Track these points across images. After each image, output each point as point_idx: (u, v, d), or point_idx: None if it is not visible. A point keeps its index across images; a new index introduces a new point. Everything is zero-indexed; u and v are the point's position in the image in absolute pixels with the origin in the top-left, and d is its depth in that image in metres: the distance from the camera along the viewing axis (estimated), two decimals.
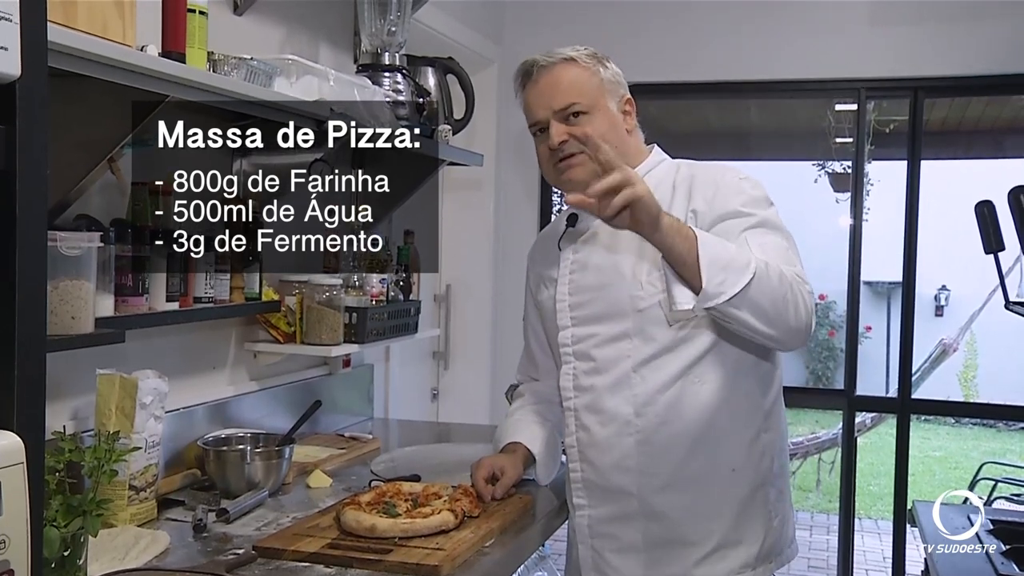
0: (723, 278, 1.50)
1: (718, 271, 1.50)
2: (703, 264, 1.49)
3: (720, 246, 1.54)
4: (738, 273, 1.51)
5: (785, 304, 1.56)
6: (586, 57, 1.78)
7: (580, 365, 1.79)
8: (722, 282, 1.50)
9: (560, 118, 1.74)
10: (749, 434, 1.75)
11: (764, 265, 1.54)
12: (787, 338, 1.61)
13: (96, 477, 1.36)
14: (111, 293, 1.69)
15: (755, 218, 1.67)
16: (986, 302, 7.46)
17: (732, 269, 1.51)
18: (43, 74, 0.92)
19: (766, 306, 1.54)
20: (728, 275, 1.50)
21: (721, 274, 1.50)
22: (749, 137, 7.08)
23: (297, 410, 2.26)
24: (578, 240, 1.83)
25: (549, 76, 1.77)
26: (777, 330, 1.58)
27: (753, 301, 1.52)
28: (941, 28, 3.42)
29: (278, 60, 1.96)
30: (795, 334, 1.60)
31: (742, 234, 1.64)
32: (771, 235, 1.66)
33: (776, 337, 1.60)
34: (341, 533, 1.62)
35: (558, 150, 1.75)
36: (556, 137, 1.74)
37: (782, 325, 1.57)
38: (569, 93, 1.74)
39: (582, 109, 1.74)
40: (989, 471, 5.29)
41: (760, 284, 1.52)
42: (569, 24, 3.70)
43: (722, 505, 1.73)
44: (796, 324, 1.58)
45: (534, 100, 1.78)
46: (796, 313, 1.58)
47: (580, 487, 1.80)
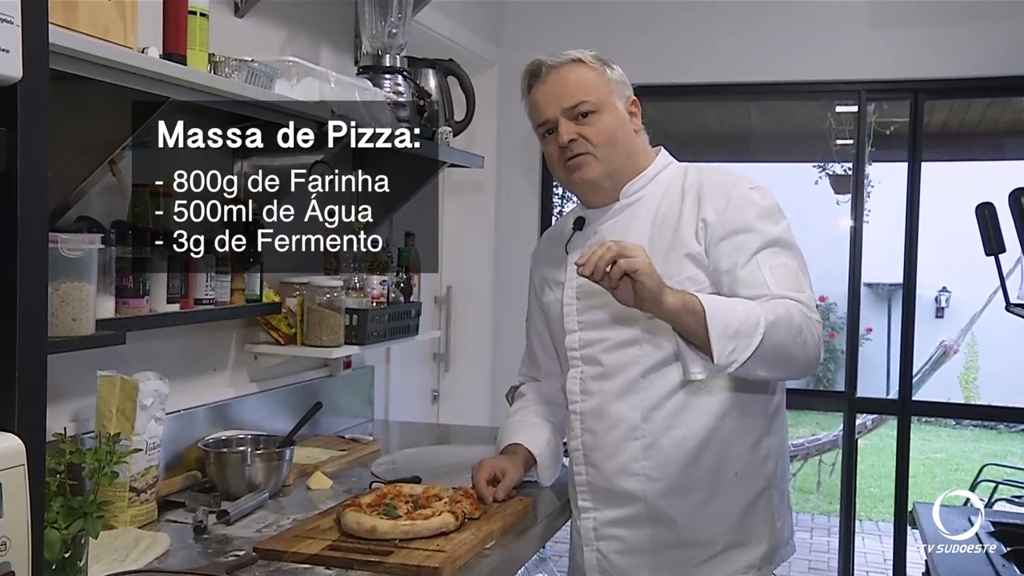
0: (733, 347, 1.53)
1: (728, 341, 1.52)
2: (713, 338, 1.52)
3: (728, 313, 1.55)
4: (748, 338, 1.53)
5: (794, 349, 1.61)
6: (592, 59, 1.78)
7: (588, 370, 1.79)
8: (732, 351, 1.53)
9: (569, 116, 1.75)
10: (752, 438, 1.75)
11: (773, 316, 1.56)
12: (798, 374, 1.70)
13: (97, 479, 1.37)
14: (112, 295, 1.69)
15: (768, 236, 1.68)
16: (987, 304, 7.46)
17: (742, 335, 1.53)
18: (44, 76, 0.92)
19: (776, 359, 1.59)
20: (738, 342, 1.53)
21: (731, 344, 1.52)
22: (749, 139, 7.07)
23: (298, 412, 2.26)
24: (586, 244, 1.82)
25: (557, 75, 1.77)
26: (787, 373, 1.69)
27: (764, 358, 1.56)
28: (942, 30, 3.42)
29: (279, 62, 1.96)
30: (804, 370, 1.68)
31: (754, 257, 1.66)
32: (782, 256, 1.68)
33: (787, 376, 1.71)
34: (342, 535, 1.62)
35: (567, 149, 1.75)
36: (566, 135, 1.74)
37: (793, 367, 1.65)
38: (578, 91, 1.74)
39: (591, 108, 1.74)
40: (990, 473, 5.28)
41: (770, 340, 1.55)
42: (569, 26, 3.70)
43: (727, 508, 1.74)
44: (805, 362, 1.64)
45: (542, 99, 1.78)
46: (805, 353, 1.62)
47: (585, 490, 1.80)
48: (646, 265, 1.48)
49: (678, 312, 1.52)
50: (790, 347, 1.59)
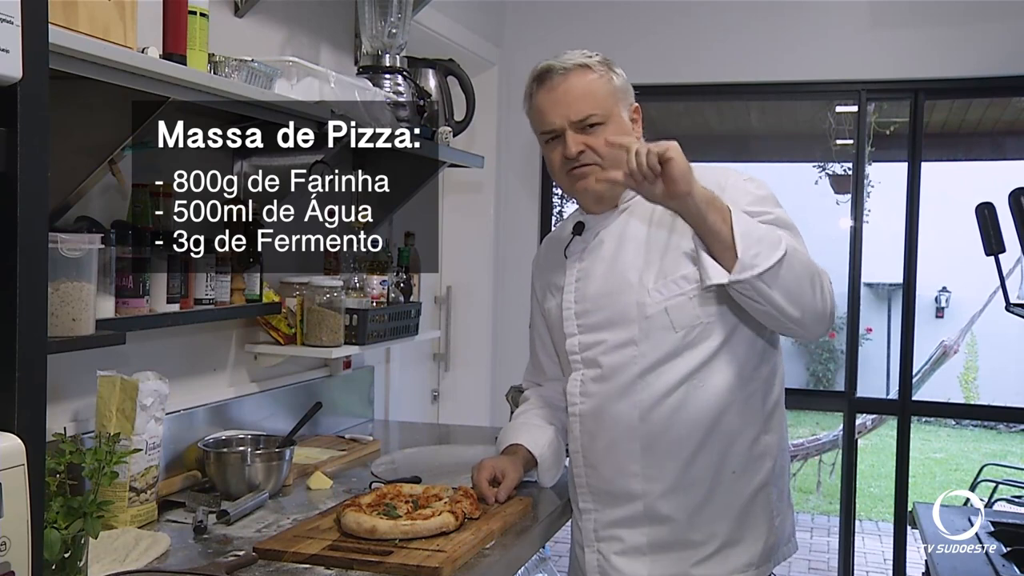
0: (757, 251, 1.51)
1: (753, 243, 1.51)
2: (738, 235, 1.50)
3: (752, 222, 1.55)
4: (771, 248, 1.52)
5: (812, 287, 1.58)
6: (598, 64, 1.77)
7: (588, 372, 1.79)
8: (756, 255, 1.51)
9: (576, 128, 1.74)
10: (751, 436, 1.75)
11: (794, 246, 1.56)
12: (811, 322, 1.61)
13: (97, 479, 1.37)
14: (112, 295, 1.69)
15: (768, 216, 1.67)
16: (987, 304, 7.47)
17: (766, 243, 1.52)
18: (44, 76, 0.92)
19: (794, 286, 1.55)
20: (762, 248, 1.51)
21: (756, 247, 1.51)
22: (749, 139, 7.08)
23: (297, 412, 2.26)
24: (584, 249, 1.83)
25: (565, 84, 1.74)
26: (803, 312, 1.58)
27: (783, 279, 1.53)
28: (941, 30, 3.42)
29: (279, 62, 1.96)
30: (819, 318, 1.62)
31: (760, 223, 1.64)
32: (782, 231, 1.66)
33: (801, 320, 1.60)
34: (341, 535, 1.62)
35: (573, 159, 1.75)
36: (574, 147, 1.73)
37: (808, 307, 1.59)
38: (586, 104, 1.73)
39: (598, 120, 1.73)
40: (990, 473, 5.28)
41: (790, 263, 1.53)
42: (569, 26, 3.70)
43: (725, 507, 1.74)
44: (821, 308, 1.60)
45: (549, 107, 1.76)
46: (822, 297, 1.60)
47: (585, 491, 1.80)
48: (678, 150, 1.49)
49: (707, 203, 1.51)
50: (807, 284, 1.57)
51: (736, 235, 1.50)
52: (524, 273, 2.07)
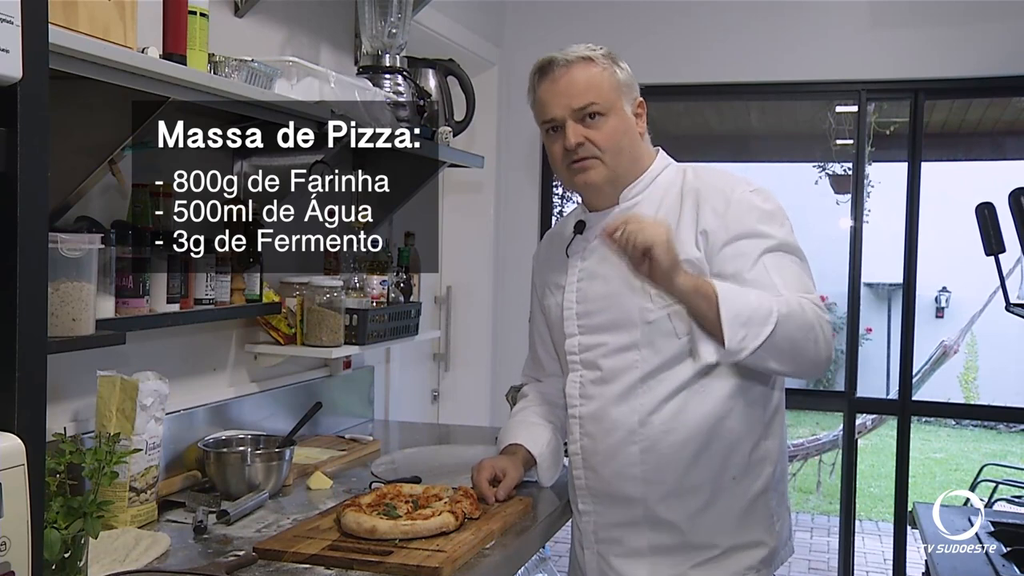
0: (744, 334, 1.53)
1: (739, 328, 1.53)
2: (724, 323, 1.53)
3: (742, 300, 1.55)
4: (760, 325, 1.54)
5: (806, 343, 1.60)
6: (602, 57, 1.76)
7: (587, 374, 1.79)
8: (744, 338, 1.53)
9: (577, 118, 1.73)
10: (751, 442, 1.75)
11: (786, 308, 1.57)
12: (807, 373, 1.69)
13: (96, 479, 1.37)
14: (112, 295, 1.69)
15: (772, 240, 1.67)
16: (987, 304, 7.46)
17: (754, 323, 1.54)
18: (44, 76, 0.92)
19: (787, 350, 1.59)
20: (750, 330, 1.53)
21: (742, 330, 1.53)
22: (749, 139, 7.08)
23: (297, 412, 2.26)
24: (586, 248, 1.82)
25: (567, 75, 1.75)
26: (798, 368, 1.66)
27: (776, 348, 1.56)
28: (941, 30, 3.42)
29: (279, 62, 1.96)
30: (815, 368, 1.66)
31: (760, 260, 1.65)
32: (787, 259, 1.67)
33: (796, 373, 1.69)
34: (341, 535, 1.62)
35: (573, 151, 1.75)
36: (573, 138, 1.73)
37: (803, 363, 1.64)
38: (587, 93, 1.73)
39: (599, 110, 1.73)
40: (990, 473, 5.28)
41: (782, 332, 1.55)
42: (569, 26, 3.70)
43: (726, 512, 1.73)
44: (816, 359, 1.63)
45: (551, 97, 1.76)
46: (816, 349, 1.62)
47: (585, 493, 1.80)
48: (663, 243, 1.50)
49: (689, 294, 1.54)
50: (802, 341, 1.59)
51: (723, 322, 1.53)
52: (524, 273, 2.07)
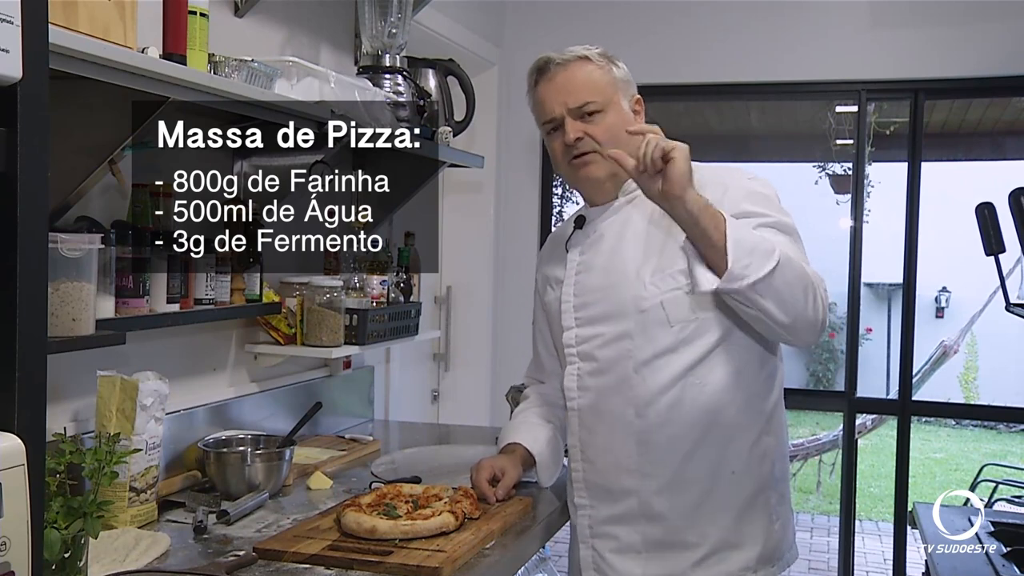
0: (749, 261, 1.50)
1: (744, 254, 1.50)
2: (730, 244, 1.49)
3: (747, 230, 1.54)
4: (763, 258, 1.51)
5: (804, 295, 1.57)
6: (599, 56, 1.79)
7: (584, 366, 1.79)
8: (747, 265, 1.50)
9: (575, 115, 1.75)
10: (750, 437, 1.74)
11: (789, 255, 1.56)
12: (803, 330, 1.61)
13: (96, 479, 1.37)
14: (112, 295, 1.69)
15: (768, 218, 1.67)
16: (987, 304, 7.46)
17: (758, 253, 1.51)
18: (44, 76, 0.92)
19: (786, 295, 1.55)
20: (754, 259, 1.50)
21: (747, 257, 1.50)
22: (749, 139, 7.07)
23: (297, 412, 2.26)
24: (585, 242, 1.83)
25: (564, 73, 1.77)
26: (794, 320, 1.58)
27: (775, 288, 1.52)
28: (941, 30, 3.42)
29: (279, 62, 1.96)
30: (810, 327, 1.61)
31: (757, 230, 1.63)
32: (782, 237, 1.66)
33: (792, 327, 1.59)
34: (341, 535, 1.62)
35: (573, 147, 1.75)
36: (572, 134, 1.74)
37: (800, 316, 1.58)
38: (584, 91, 1.75)
39: (597, 108, 1.75)
40: (990, 473, 5.28)
41: (783, 272, 1.52)
42: (569, 26, 3.70)
43: (722, 508, 1.73)
44: (813, 316, 1.59)
45: (549, 97, 1.78)
46: (814, 306, 1.59)
47: (581, 487, 1.80)
48: (683, 148, 1.49)
49: (700, 209, 1.51)
50: (800, 292, 1.56)
51: (728, 244, 1.50)
52: (524, 273, 2.07)
